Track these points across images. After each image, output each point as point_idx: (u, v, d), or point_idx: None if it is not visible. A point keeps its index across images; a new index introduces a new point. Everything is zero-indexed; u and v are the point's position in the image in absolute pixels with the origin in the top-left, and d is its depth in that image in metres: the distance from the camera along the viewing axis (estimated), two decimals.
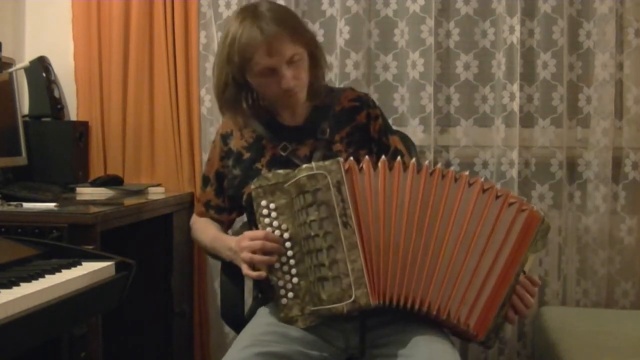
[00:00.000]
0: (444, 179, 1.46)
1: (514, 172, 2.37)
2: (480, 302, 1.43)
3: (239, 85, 1.63)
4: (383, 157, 1.49)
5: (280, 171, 1.50)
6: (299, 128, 1.71)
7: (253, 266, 1.49)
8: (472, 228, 1.44)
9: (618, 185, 2.38)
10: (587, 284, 2.40)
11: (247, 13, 1.59)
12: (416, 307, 1.43)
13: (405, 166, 1.47)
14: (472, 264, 1.43)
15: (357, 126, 1.71)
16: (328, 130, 1.69)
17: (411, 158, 1.67)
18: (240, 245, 1.51)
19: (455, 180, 1.46)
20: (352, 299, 1.41)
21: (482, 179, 1.47)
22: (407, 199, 1.45)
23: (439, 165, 1.48)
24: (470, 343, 2.35)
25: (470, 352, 2.40)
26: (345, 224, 1.43)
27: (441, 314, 1.43)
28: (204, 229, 1.77)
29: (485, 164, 2.43)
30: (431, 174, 1.46)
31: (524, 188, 2.39)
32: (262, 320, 1.57)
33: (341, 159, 1.46)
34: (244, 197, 1.65)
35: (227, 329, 2.49)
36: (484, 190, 1.45)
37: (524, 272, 1.45)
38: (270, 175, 1.50)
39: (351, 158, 1.48)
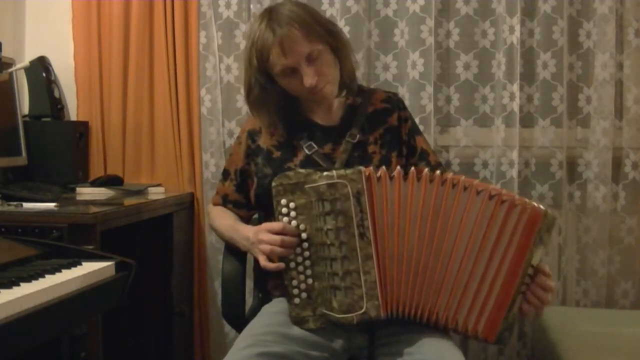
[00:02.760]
0: (454, 188, 1.43)
1: (514, 172, 2.37)
2: (488, 307, 1.43)
3: (263, 87, 1.63)
4: (398, 167, 1.48)
5: (302, 170, 1.49)
6: (333, 128, 1.71)
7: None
8: (479, 236, 1.42)
9: (618, 185, 2.38)
10: (587, 284, 2.39)
11: (265, 14, 1.61)
12: (425, 317, 1.44)
13: (419, 176, 1.45)
14: (480, 272, 1.42)
15: (389, 128, 1.72)
16: (361, 131, 1.68)
17: (435, 157, 1.67)
18: (258, 237, 1.51)
19: (465, 188, 1.43)
20: (363, 310, 1.42)
21: (492, 186, 1.46)
22: (420, 209, 1.44)
23: (450, 174, 1.46)
24: (471, 341, 2.36)
25: (470, 351, 2.40)
26: (362, 235, 1.42)
27: (449, 324, 1.44)
28: (222, 217, 1.78)
29: (485, 164, 2.43)
30: (443, 183, 1.44)
31: (524, 188, 2.39)
32: (263, 320, 1.56)
33: (363, 168, 1.45)
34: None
35: (227, 328, 2.49)
36: (490, 197, 1.43)
37: (532, 266, 1.43)
38: (292, 173, 1.49)
39: (371, 167, 1.46)
